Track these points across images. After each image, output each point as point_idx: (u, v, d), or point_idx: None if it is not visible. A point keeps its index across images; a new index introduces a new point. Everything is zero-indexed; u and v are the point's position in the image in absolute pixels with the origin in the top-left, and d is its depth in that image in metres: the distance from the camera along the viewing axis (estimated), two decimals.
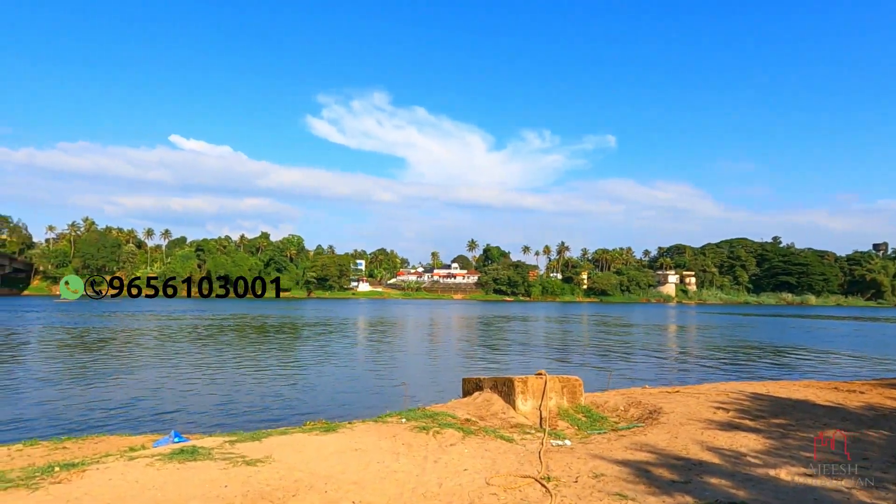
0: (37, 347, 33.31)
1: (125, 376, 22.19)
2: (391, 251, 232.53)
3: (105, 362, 26.31)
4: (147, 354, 29.64)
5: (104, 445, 10.33)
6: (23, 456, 9.48)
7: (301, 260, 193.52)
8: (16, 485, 6.67)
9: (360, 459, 7.67)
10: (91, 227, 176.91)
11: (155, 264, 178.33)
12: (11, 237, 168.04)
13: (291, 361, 27.88)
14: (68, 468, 7.35)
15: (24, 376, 22.24)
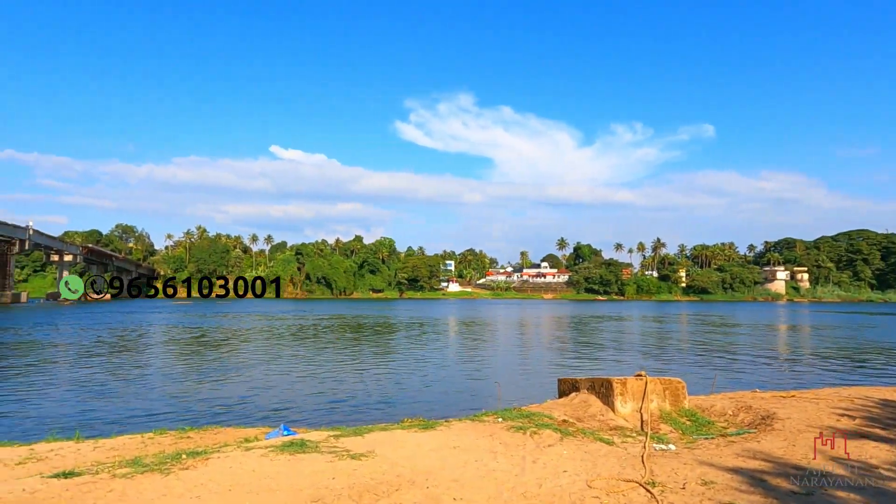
0: (160, 346, 36.53)
1: (237, 373, 23.82)
2: (480, 251, 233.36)
3: (219, 360, 28.36)
4: (256, 353, 31.63)
5: (222, 436, 11.14)
6: (154, 443, 10.44)
7: (392, 261, 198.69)
8: (151, 469, 7.36)
9: (458, 457, 7.77)
10: (203, 234, 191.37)
11: (259, 268, 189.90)
12: (137, 245, 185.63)
13: (387, 360, 28.71)
14: (194, 456, 8.01)
15: (152, 372, 24.47)
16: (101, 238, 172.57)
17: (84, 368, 25.15)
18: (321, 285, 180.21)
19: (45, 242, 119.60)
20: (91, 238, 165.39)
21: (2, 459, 9.16)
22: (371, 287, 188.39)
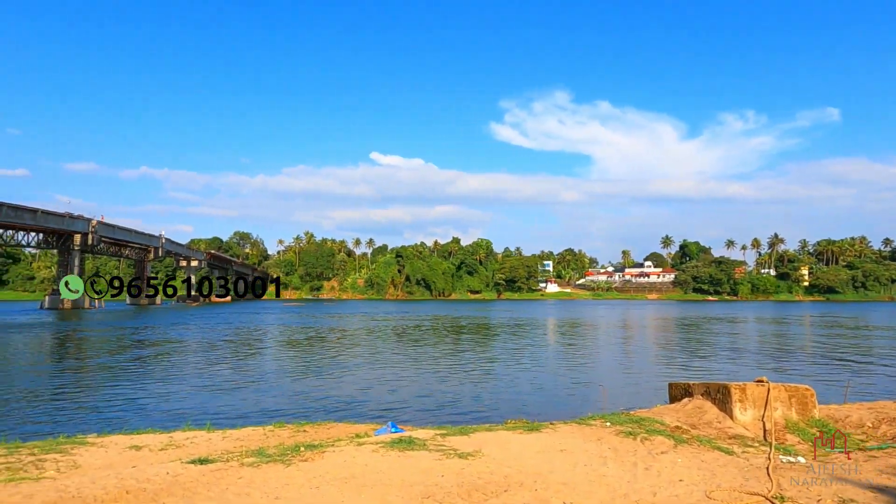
0: (275, 345, 39.05)
1: (346, 371, 24.94)
2: (579, 251, 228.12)
3: (329, 359, 29.84)
4: (363, 352, 32.95)
5: (335, 431, 11.70)
6: (274, 436, 11.16)
7: (490, 262, 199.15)
8: (274, 460, 7.90)
9: (566, 460, 7.65)
10: (311, 239, 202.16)
11: (362, 270, 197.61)
12: (252, 251, 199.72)
13: (487, 361, 28.82)
14: (311, 449, 8.49)
15: (269, 369, 26.22)
16: (221, 244, 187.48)
17: (211, 364, 27.42)
18: (420, 287, 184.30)
19: (175, 249, 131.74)
20: (213, 245, 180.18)
21: (147, 445, 10.20)
22: (469, 288, 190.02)
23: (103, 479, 7.31)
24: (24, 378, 23.77)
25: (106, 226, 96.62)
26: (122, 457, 9.44)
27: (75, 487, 6.89)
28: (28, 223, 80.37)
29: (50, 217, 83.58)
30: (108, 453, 9.68)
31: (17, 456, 9.12)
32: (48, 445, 9.96)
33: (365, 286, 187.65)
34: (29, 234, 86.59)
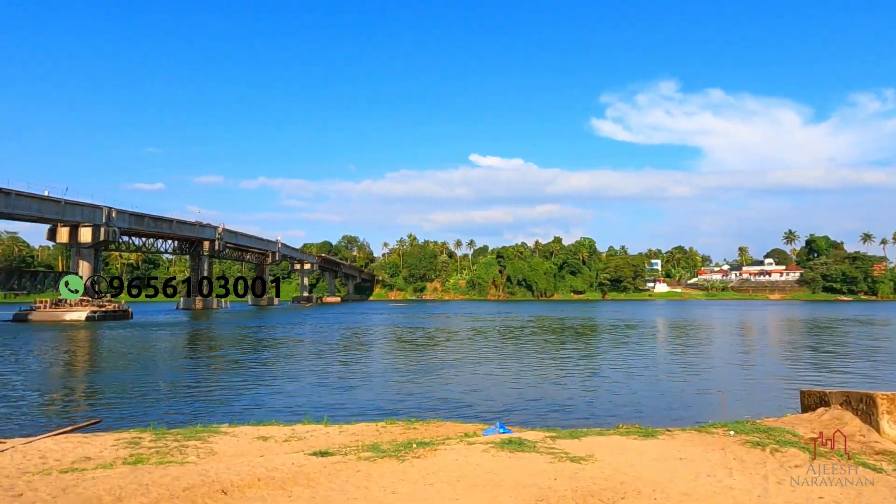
0: (383, 343, 40.45)
1: (452, 371, 25.31)
2: (690, 248, 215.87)
3: (435, 358, 30.43)
4: (467, 352, 33.28)
5: (444, 429, 11.90)
6: (387, 432, 11.56)
7: (593, 262, 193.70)
8: (388, 455, 8.17)
9: (686, 469, 7.26)
10: (413, 241, 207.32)
11: (464, 271, 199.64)
12: (359, 253, 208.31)
13: (594, 362, 28.04)
14: (424, 446, 8.70)
15: (379, 366, 27.22)
16: (331, 248, 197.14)
17: (324, 361, 28.94)
18: (522, 287, 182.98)
19: (290, 254, 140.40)
20: (324, 248, 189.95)
21: (273, 436, 10.95)
22: (572, 288, 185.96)
23: (237, 466, 7.94)
24: (165, 371, 26.38)
25: (230, 233, 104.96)
26: (252, 446, 10.20)
27: (214, 472, 7.53)
28: (165, 232, 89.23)
29: (184, 226, 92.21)
30: (239, 442, 10.51)
31: (164, 441, 10.15)
32: (189, 433, 10.99)
33: (466, 287, 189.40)
34: (166, 241, 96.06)
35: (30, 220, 67.28)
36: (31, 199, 62.06)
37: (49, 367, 28.00)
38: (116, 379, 23.65)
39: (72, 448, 9.73)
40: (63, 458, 8.96)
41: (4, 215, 62.32)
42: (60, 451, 9.51)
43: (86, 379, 24.70)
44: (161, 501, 6.25)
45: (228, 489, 6.65)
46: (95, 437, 10.77)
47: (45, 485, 7.08)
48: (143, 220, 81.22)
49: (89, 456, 9.16)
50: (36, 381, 23.26)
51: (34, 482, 7.25)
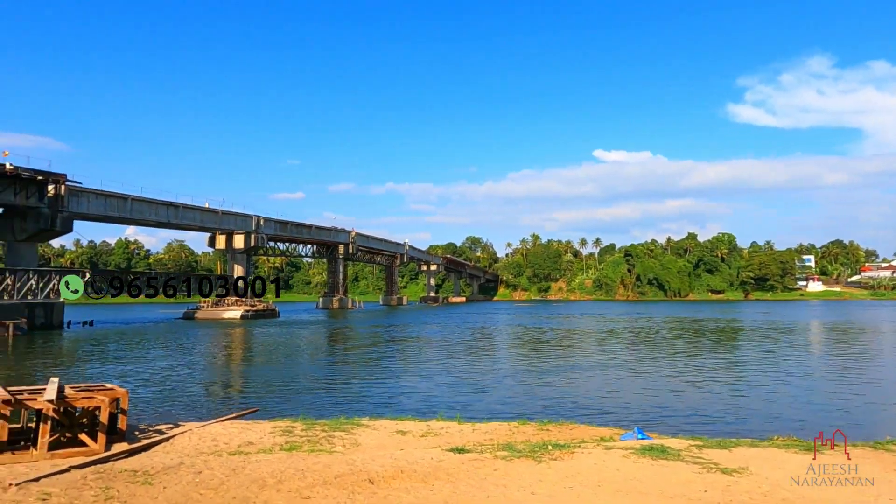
0: (509, 342, 40.48)
1: (581, 372, 24.70)
2: (850, 242, 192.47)
3: (563, 358, 29.90)
4: (596, 353, 32.32)
5: (578, 432, 11.65)
6: (519, 432, 11.55)
7: (734, 259, 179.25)
8: (524, 455, 8.17)
9: (863, 491, 6.47)
10: (537, 241, 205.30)
11: (590, 271, 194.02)
12: (483, 254, 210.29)
13: (739, 367, 25.91)
14: (559, 448, 8.58)
15: (505, 366, 27.29)
16: (456, 249, 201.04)
17: (453, 359, 29.57)
18: (653, 287, 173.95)
19: (417, 255, 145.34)
20: (448, 250, 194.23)
21: (410, 431, 11.40)
22: (709, 288, 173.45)
23: (380, 458, 8.37)
24: (308, 366, 28.47)
25: (361, 236, 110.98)
26: (392, 439, 10.69)
27: (360, 462, 8.01)
28: (305, 237, 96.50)
29: (321, 231, 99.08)
30: (379, 435, 11.06)
31: (314, 431, 10.96)
32: (334, 424, 11.77)
33: (593, 287, 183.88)
34: (306, 245, 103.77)
35: (194, 229, 76.03)
36: (195, 211, 70.07)
37: (211, 359, 31.43)
38: (267, 371, 25.94)
39: (237, 433, 10.84)
40: (230, 442, 10.00)
41: (174, 225, 70.95)
42: (227, 435, 10.63)
43: (241, 371, 27.37)
44: (316, 486, 6.75)
45: (374, 479, 7.03)
46: (255, 424, 11.90)
47: (218, 465, 7.96)
48: (286, 226, 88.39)
49: (251, 441, 10.14)
50: (201, 371, 26.19)
51: (210, 462, 8.17)
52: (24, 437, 9.29)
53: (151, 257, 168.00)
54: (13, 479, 6.92)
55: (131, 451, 8.95)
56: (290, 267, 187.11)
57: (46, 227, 51.75)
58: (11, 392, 8.96)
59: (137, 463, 8.15)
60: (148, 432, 10.65)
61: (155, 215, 64.95)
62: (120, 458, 8.50)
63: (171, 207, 66.27)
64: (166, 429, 10.99)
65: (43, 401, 8.42)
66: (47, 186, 50.90)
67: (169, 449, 9.43)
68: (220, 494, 6.48)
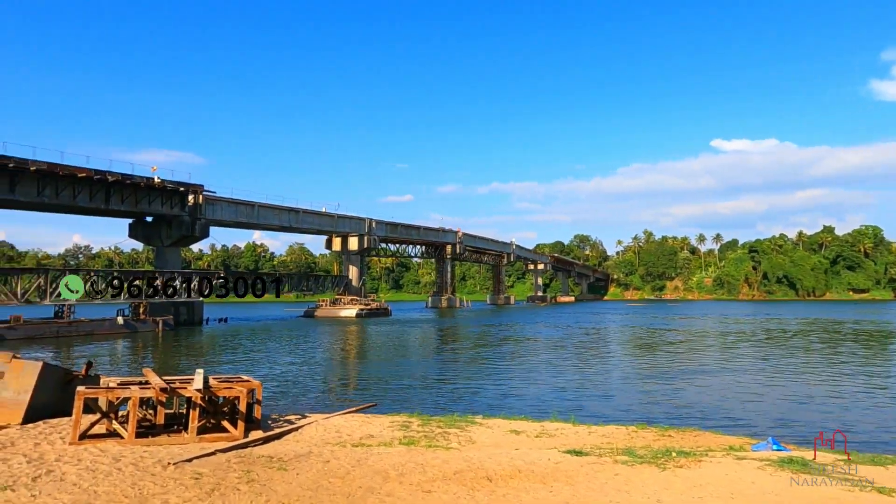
0: (623, 343, 39.04)
1: (704, 376, 23.27)
2: None
3: (684, 361, 28.35)
4: (718, 356, 30.32)
5: (703, 440, 10.98)
6: (638, 437, 11.10)
7: (880, 254, 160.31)
8: (646, 461, 7.84)
9: None
10: (650, 238, 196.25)
11: (709, 268, 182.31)
12: (592, 252, 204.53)
13: (888, 376, 23.13)
14: (684, 456, 8.14)
15: (617, 368, 26.35)
16: (563, 248, 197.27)
17: (562, 360, 29.04)
18: (782, 285, 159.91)
19: (524, 255, 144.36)
20: (556, 249, 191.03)
21: (524, 431, 11.34)
22: (850, 286, 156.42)
23: (497, 457, 8.41)
24: (420, 363, 29.25)
25: (468, 236, 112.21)
26: (506, 438, 10.71)
27: (477, 460, 8.09)
28: (414, 238, 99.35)
29: (429, 232, 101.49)
30: (493, 434, 11.12)
31: (430, 427, 11.23)
32: (449, 421, 11.99)
33: (714, 285, 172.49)
34: (415, 246, 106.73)
35: (312, 232, 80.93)
36: (313, 215, 74.52)
37: (330, 355, 33.25)
38: (381, 368, 26.99)
39: (358, 426, 11.38)
40: (353, 434, 10.52)
41: (294, 229, 75.95)
42: (350, 427, 11.19)
43: (357, 366, 28.69)
44: (436, 481, 6.92)
45: (492, 477, 7.07)
46: (374, 418, 12.42)
47: (343, 455, 8.41)
48: (396, 228, 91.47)
49: (372, 434, 10.60)
50: (322, 366, 27.77)
51: (336, 452, 8.65)
52: (176, 422, 10.38)
53: (276, 259, 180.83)
54: (171, 458, 7.75)
55: (266, 439, 9.70)
56: (401, 267, 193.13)
57: (188, 234, 57.44)
58: (166, 381, 10.04)
59: (272, 449, 8.82)
60: (279, 422, 11.47)
61: (278, 220, 69.83)
62: (257, 445, 9.24)
63: (292, 213, 70.94)
64: (295, 419, 11.78)
65: (192, 390, 9.35)
66: (188, 197, 56.46)
67: (298, 438, 10.10)
68: (347, 483, 6.84)
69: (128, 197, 51.60)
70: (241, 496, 6.23)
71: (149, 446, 8.75)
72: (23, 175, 43.95)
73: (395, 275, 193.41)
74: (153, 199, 53.62)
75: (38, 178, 44.99)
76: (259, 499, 6.15)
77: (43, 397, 10.93)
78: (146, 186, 51.86)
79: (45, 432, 9.53)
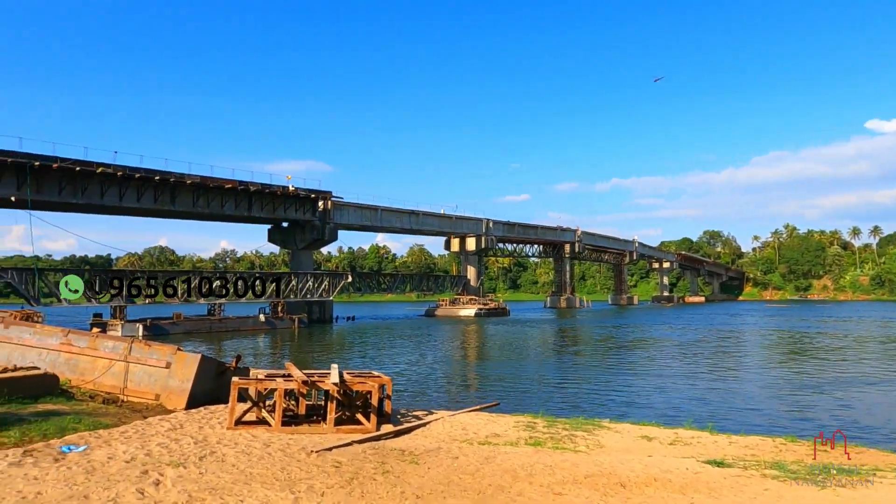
0: (761, 349, 35.89)
1: (864, 386, 20.77)
2: None
3: (832, 370, 25.52)
4: (883, 364, 26.93)
5: (866, 458, 9.78)
6: (787, 450, 10.12)
7: None
8: (801, 478, 7.13)
9: None
10: (792, 232, 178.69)
11: (865, 265, 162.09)
12: (724, 249, 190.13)
13: None
14: (846, 474, 7.31)
15: (757, 376, 24.27)
16: (691, 245, 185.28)
17: (693, 364, 27.29)
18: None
19: (647, 253, 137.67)
20: (683, 246, 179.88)
21: (656, 437, 10.79)
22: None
23: (629, 463, 8.09)
24: (539, 363, 28.92)
25: (588, 235, 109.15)
26: (637, 444, 10.25)
27: (608, 465, 7.83)
28: (531, 237, 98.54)
29: (547, 231, 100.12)
30: (623, 439, 10.70)
31: (555, 429, 11.06)
32: (574, 424, 11.72)
33: (871, 284, 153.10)
34: (532, 246, 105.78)
35: (431, 233, 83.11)
36: (433, 217, 76.50)
37: (451, 353, 33.92)
38: (501, 367, 27.04)
39: (483, 424, 11.48)
40: (478, 432, 10.63)
41: (415, 231, 78.43)
42: (475, 425, 11.32)
43: (477, 365, 28.99)
44: (566, 484, 6.79)
45: (626, 484, 6.81)
46: (498, 417, 12.46)
47: (471, 452, 8.52)
48: (513, 228, 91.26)
49: (497, 433, 10.64)
50: (443, 364, 28.39)
51: (463, 449, 8.80)
52: (314, 413, 11.12)
53: (397, 260, 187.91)
54: (313, 446, 8.32)
55: (396, 433, 10.09)
56: (518, 267, 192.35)
57: (318, 237, 61.47)
58: (306, 374, 10.79)
59: (403, 443, 9.16)
60: (407, 416, 11.89)
61: (399, 223, 72.52)
62: (388, 438, 9.64)
63: (412, 215, 73.32)
64: (422, 415, 12.14)
65: (330, 383, 9.96)
66: (318, 203, 60.39)
67: (426, 433, 10.40)
68: (477, 480, 6.92)
69: (266, 205, 56.27)
70: (378, 486, 6.53)
71: (293, 434, 9.45)
72: (181, 188, 49.52)
73: (512, 275, 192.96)
74: (288, 206, 58.02)
75: (193, 191, 50.45)
76: (394, 490, 6.41)
77: (201, 386, 12.21)
78: (282, 194, 56.28)
79: (205, 417, 10.63)
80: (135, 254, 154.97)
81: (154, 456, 7.48)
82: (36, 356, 12.94)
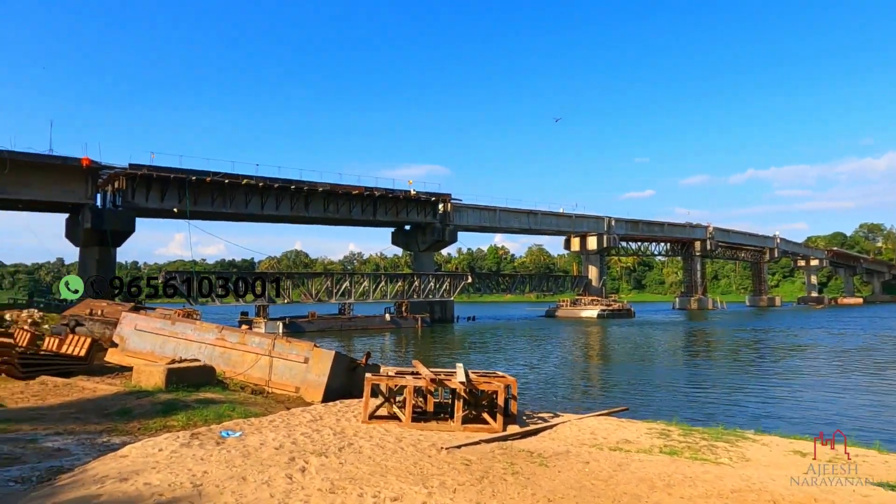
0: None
1: None
2: None
3: None
4: None
5: None
6: None
7: None
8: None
9: None
10: None
11: None
12: (885, 244, 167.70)
13: None
14: None
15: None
16: (845, 240, 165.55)
17: (844, 374, 24.37)
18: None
19: (791, 249, 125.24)
20: (834, 241, 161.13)
21: (809, 453, 9.74)
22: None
23: (780, 479, 7.39)
24: (669, 368, 27.36)
25: (720, 231, 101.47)
26: (787, 459, 9.34)
27: (757, 480, 7.21)
28: (657, 235, 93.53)
29: (674, 228, 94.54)
30: (771, 452, 9.79)
31: (693, 438, 10.38)
32: (714, 433, 10.92)
33: None
34: (658, 244, 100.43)
35: (550, 233, 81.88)
36: (551, 217, 75.38)
37: (574, 355, 33.13)
38: (627, 370, 25.93)
39: (612, 429, 11.07)
40: (608, 437, 10.27)
41: (533, 231, 77.71)
42: (604, 430, 10.94)
43: (602, 368, 28.03)
44: (710, 497, 6.35)
45: (779, 502, 6.22)
46: (628, 423, 11.94)
47: (602, 458, 8.25)
48: (637, 225, 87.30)
49: (628, 439, 10.20)
50: (566, 365, 27.80)
51: (593, 454, 8.54)
52: (441, 410, 11.37)
53: (516, 261, 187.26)
54: (442, 443, 8.52)
55: (523, 434, 10.03)
56: (643, 266, 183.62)
57: (439, 239, 62.99)
58: (433, 372, 11.07)
59: (530, 445, 9.08)
60: (533, 418, 11.77)
61: (517, 223, 72.26)
62: (515, 439, 9.61)
63: (530, 215, 72.74)
64: (548, 417, 11.96)
65: (457, 382, 10.14)
66: (438, 205, 61.91)
67: (553, 436, 10.23)
68: (610, 487, 6.68)
69: (390, 209, 58.71)
70: (508, 486, 6.52)
71: (422, 430, 9.74)
72: (313, 195, 53.16)
73: (636, 274, 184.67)
74: (410, 210, 60.08)
75: (324, 198, 53.96)
76: (525, 491, 6.37)
77: (335, 381, 12.97)
78: (405, 199, 58.43)
79: (341, 410, 11.28)
80: (273, 257, 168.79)
81: (299, 444, 8.07)
82: (196, 350, 14.51)
